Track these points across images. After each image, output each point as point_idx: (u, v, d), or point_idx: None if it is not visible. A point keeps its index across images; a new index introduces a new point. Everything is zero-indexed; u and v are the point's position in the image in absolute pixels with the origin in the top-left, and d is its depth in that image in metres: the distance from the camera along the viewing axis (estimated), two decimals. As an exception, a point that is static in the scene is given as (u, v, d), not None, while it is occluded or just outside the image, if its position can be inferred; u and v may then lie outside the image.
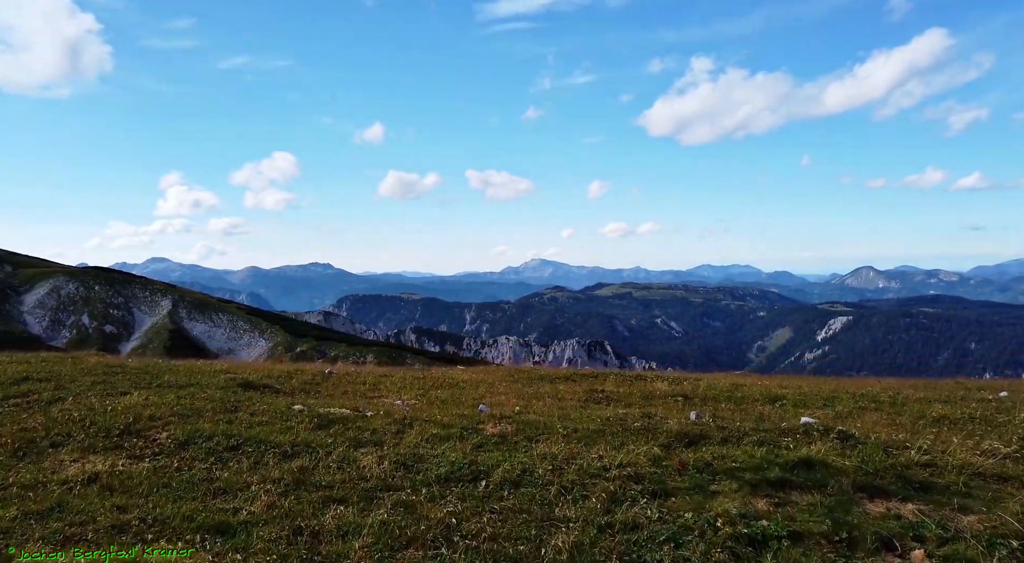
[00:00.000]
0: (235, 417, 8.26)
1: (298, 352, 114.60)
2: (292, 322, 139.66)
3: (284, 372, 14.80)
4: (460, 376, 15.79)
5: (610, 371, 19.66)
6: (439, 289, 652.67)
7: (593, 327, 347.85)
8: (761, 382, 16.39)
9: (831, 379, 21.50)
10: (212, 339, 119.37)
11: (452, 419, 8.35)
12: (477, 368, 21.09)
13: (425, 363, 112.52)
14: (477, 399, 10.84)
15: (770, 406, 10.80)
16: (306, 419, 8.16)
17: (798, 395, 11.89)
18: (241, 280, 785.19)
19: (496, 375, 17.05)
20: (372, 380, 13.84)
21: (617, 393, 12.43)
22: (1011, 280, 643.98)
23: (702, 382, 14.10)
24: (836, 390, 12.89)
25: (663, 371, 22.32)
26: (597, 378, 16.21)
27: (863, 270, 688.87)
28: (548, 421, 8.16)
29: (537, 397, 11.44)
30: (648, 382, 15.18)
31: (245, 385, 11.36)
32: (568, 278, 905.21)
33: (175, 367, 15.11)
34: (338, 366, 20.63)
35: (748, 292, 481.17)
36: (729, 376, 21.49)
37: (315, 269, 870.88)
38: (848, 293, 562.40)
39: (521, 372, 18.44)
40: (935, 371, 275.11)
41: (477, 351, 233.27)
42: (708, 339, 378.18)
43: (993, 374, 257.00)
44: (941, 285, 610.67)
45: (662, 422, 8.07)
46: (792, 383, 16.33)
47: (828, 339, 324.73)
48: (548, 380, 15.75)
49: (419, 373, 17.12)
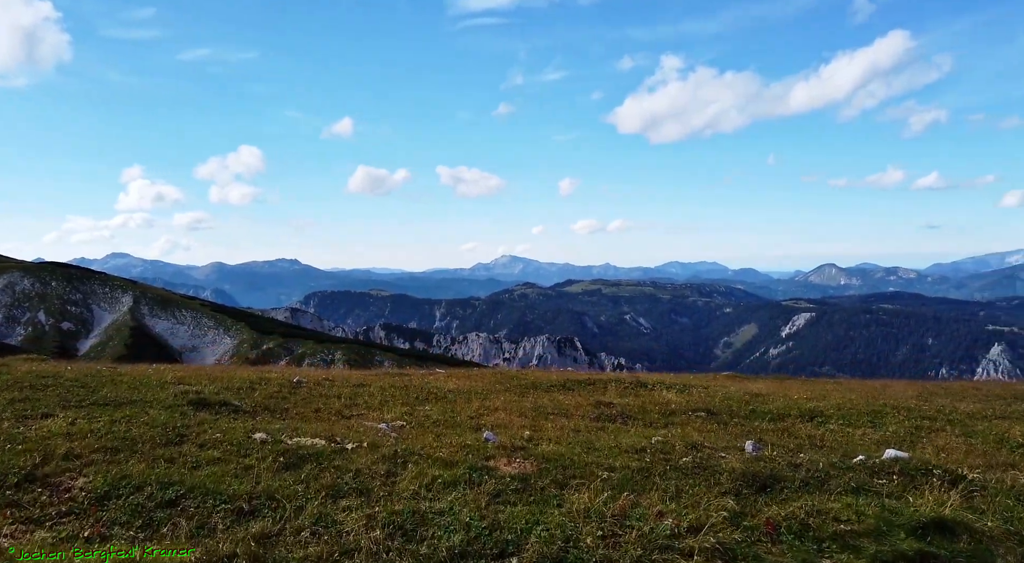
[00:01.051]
0: (179, 452, 6.47)
1: (264, 350, 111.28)
2: (258, 319, 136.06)
3: (246, 382, 12.97)
4: (446, 384, 14.23)
5: (605, 375, 18.22)
6: (409, 286, 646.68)
7: (563, 324, 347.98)
8: (775, 388, 15.15)
9: (840, 382, 20.44)
10: (175, 336, 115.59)
11: (454, 452, 6.74)
12: (460, 372, 19.50)
13: (395, 359, 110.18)
14: (474, 417, 9.28)
15: (811, 424, 9.46)
16: (270, 455, 6.38)
17: (836, 410, 10.58)
18: (205, 276, 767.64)
19: (484, 382, 15.50)
20: (348, 392, 12.12)
21: (627, 407, 10.99)
22: (966, 277, 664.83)
23: (717, 393, 12.77)
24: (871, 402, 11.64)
25: (661, 374, 20.80)
26: (596, 386, 14.76)
27: (826, 267, 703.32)
28: (572, 454, 6.64)
29: (541, 413, 9.93)
30: (653, 391, 13.84)
31: (198, 403, 9.54)
32: (538, 275, 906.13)
33: (119, 376, 13.16)
34: (308, 371, 18.77)
35: (715, 289, 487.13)
36: (732, 380, 20.24)
37: (282, 265, 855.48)
38: (811, 290, 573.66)
39: (509, 378, 16.90)
40: (894, 366, 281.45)
41: (447, 348, 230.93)
42: (676, 335, 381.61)
43: (949, 369, 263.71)
44: (900, 282, 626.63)
45: (716, 457, 6.61)
46: (813, 391, 15.10)
47: (792, 335, 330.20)
48: (543, 388, 14.29)
49: (399, 380, 15.44)
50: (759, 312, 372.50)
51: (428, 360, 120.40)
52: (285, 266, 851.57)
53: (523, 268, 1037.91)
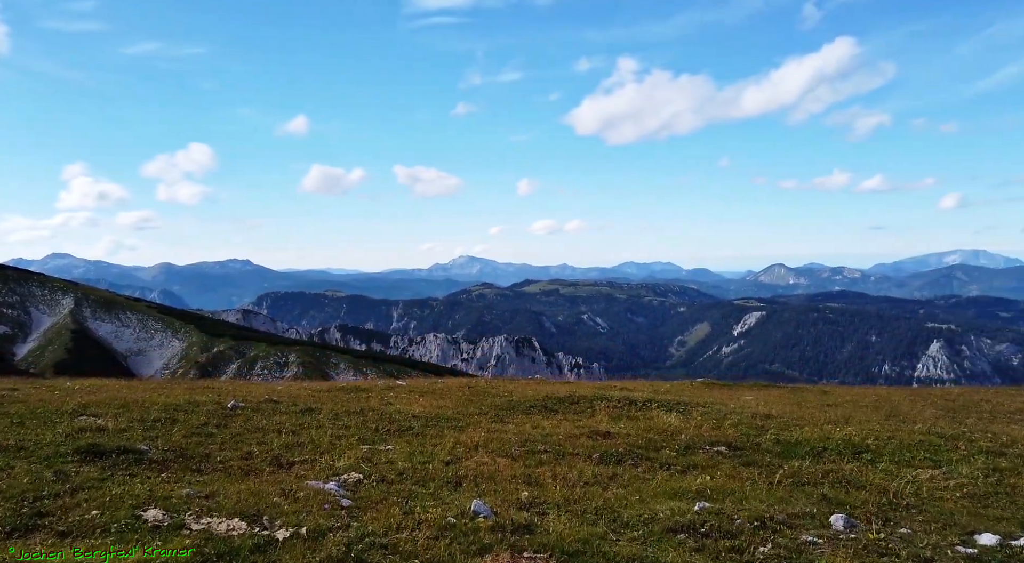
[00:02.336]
0: (21, 552, 4.33)
1: (215, 353, 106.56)
2: (208, 321, 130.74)
3: (168, 410, 10.65)
4: (411, 407, 12.20)
5: (586, 389, 16.40)
6: (365, 286, 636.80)
7: (521, 324, 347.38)
8: (779, 406, 13.59)
9: (829, 391, 19.13)
10: (120, 340, 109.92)
11: (432, 543, 4.74)
12: (423, 385, 17.38)
13: (351, 361, 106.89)
14: (451, 462, 7.35)
15: (858, 463, 7.81)
16: (159, 560, 4.24)
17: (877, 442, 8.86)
18: (153, 277, 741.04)
19: (454, 401, 13.51)
20: (292, 423, 9.93)
21: (630, 438, 9.21)
22: (907, 277, 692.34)
23: (722, 415, 11.09)
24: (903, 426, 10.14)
25: (636, 382, 19.57)
26: (580, 405, 12.94)
27: (775, 267, 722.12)
28: (598, 541, 4.76)
29: (532, 454, 8.04)
30: (647, 412, 12.12)
31: (89, 450, 7.26)
32: (496, 275, 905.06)
33: (9, 403, 10.76)
34: (250, 388, 16.32)
35: (669, 289, 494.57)
36: (714, 390, 18.81)
37: (233, 266, 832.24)
38: (762, 289, 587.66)
39: (481, 394, 14.91)
40: (840, 363, 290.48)
41: (404, 349, 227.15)
42: (632, 334, 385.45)
43: (891, 365, 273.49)
44: (845, 281, 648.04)
45: (806, 546, 4.76)
46: (831, 413, 13.53)
47: (743, 333, 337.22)
48: (522, 410, 12.44)
49: (356, 401, 13.32)
50: (712, 311, 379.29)
51: (385, 362, 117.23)
52: (237, 267, 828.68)
53: (481, 268, 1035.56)
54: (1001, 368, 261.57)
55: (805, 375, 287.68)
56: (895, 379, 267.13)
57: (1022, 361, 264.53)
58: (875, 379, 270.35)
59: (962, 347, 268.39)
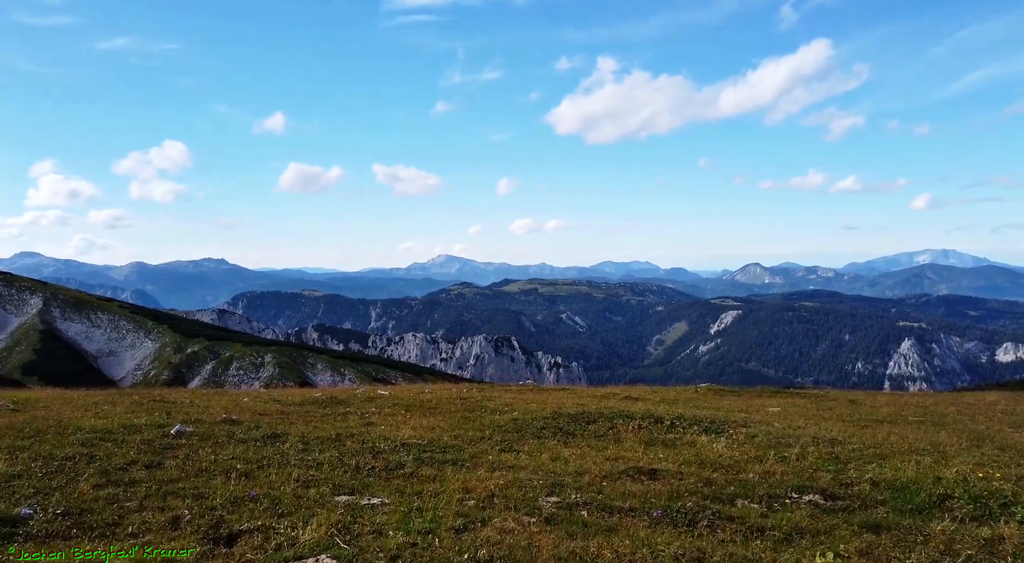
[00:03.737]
0: None
1: (189, 353, 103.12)
2: (182, 321, 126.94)
3: (89, 442, 8.37)
4: (398, 432, 10.03)
5: (601, 402, 14.28)
6: (343, 286, 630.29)
7: (500, 323, 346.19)
8: (834, 423, 11.76)
9: (859, 402, 17.29)
10: (90, 341, 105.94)
11: None
12: (410, 395, 15.27)
13: (328, 362, 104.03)
14: (461, 530, 5.21)
15: (1017, 523, 5.81)
16: None
17: (1009, 488, 6.87)
18: (125, 276, 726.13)
19: (449, 421, 11.38)
20: (249, 458, 7.67)
21: (681, 477, 7.18)
22: (879, 276, 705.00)
23: (784, 444, 9.12)
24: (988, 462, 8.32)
25: (645, 388, 17.38)
26: (599, 425, 10.95)
27: (751, 267, 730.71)
28: None
29: (569, 510, 5.95)
30: (687, 436, 10.13)
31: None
32: (475, 274, 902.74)
33: None
34: (207, 400, 14.05)
35: (647, 288, 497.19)
36: (741, 399, 16.92)
37: (208, 265, 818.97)
38: (738, 288, 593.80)
39: (480, 410, 12.84)
40: (815, 361, 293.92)
41: (383, 349, 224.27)
42: (610, 333, 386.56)
43: (864, 363, 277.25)
44: (819, 281, 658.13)
45: None
46: (874, 415, 12.30)
47: (720, 332, 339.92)
48: (532, 433, 10.42)
49: (331, 423, 11.13)
50: (689, 310, 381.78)
51: (364, 362, 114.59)
52: (212, 266, 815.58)
53: (460, 268, 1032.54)
54: (970, 366, 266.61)
55: (781, 373, 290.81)
56: (868, 377, 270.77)
57: (990, 359, 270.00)
58: (849, 377, 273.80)
59: (932, 345, 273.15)
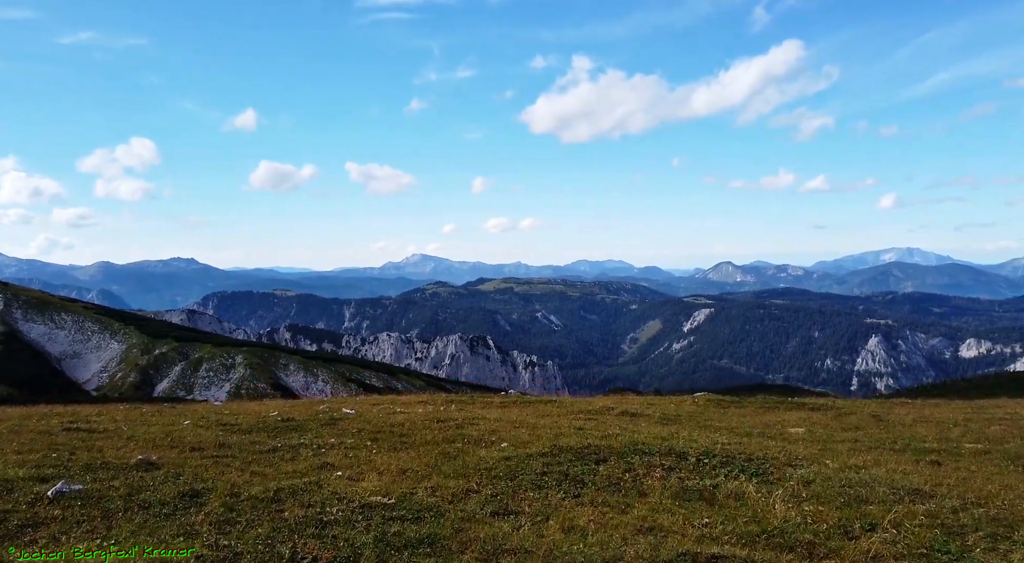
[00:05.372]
0: None
1: (156, 355, 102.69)
2: (150, 322, 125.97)
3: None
4: (359, 486, 7.64)
5: (593, 423, 13.11)
6: (316, 285, 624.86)
7: (475, 322, 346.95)
8: (889, 455, 10.62)
9: (895, 406, 17.59)
10: (54, 343, 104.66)
11: None
12: (378, 418, 13.07)
13: (301, 363, 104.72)
14: None
15: None
16: None
17: None
18: (90, 277, 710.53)
19: (421, 457, 9.24)
20: (143, 542, 5.80)
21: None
22: (846, 274, 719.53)
23: (859, 500, 7.35)
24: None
25: (641, 398, 16.53)
26: (614, 469, 8.45)
27: (723, 265, 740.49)
28: None
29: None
30: (728, 486, 7.68)
31: None
32: (450, 273, 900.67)
33: None
34: (134, 429, 11.48)
35: (622, 286, 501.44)
36: (748, 414, 16.15)
37: (177, 264, 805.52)
38: (710, 287, 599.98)
39: (459, 440, 10.44)
40: (786, 358, 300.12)
41: (357, 349, 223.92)
42: (585, 332, 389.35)
43: (833, 360, 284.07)
44: (789, 279, 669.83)
45: None
46: (914, 435, 11.99)
47: (693, 330, 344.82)
48: (530, 480, 7.96)
49: (275, 464, 8.90)
50: (663, 308, 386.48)
51: (337, 362, 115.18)
52: (181, 266, 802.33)
53: (434, 267, 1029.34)
54: (935, 362, 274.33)
55: (752, 370, 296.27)
56: (836, 373, 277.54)
57: (954, 354, 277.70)
58: (818, 373, 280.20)
59: (899, 342, 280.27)
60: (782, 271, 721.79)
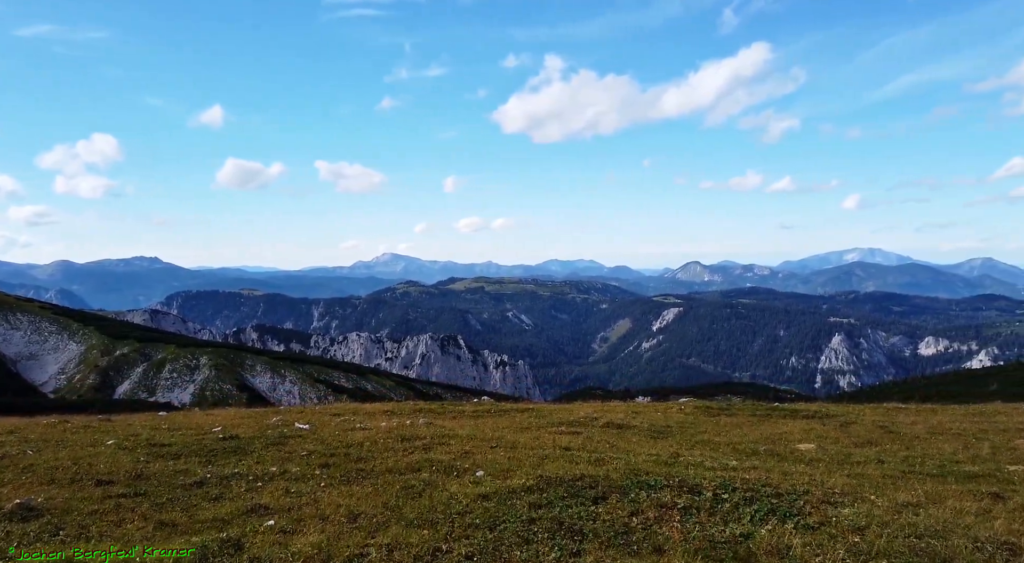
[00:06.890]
0: None
1: (117, 356, 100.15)
2: (110, 322, 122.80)
3: None
4: (293, 544, 5.83)
5: (583, 446, 12.22)
6: (284, 285, 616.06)
7: (446, 322, 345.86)
8: (903, 476, 9.18)
9: (896, 415, 16.70)
10: (9, 344, 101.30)
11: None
12: (335, 436, 11.64)
13: (268, 364, 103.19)
14: None
15: None
16: None
17: None
18: (49, 275, 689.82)
19: (382, 498, 7.31)
20: None
21: None
22: (811, 274, 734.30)
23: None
24: None
25: (628, 404, 15.65)
26: (620, 513, 6.53)
27: (691, 265, 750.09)
28: None
29: None
30: (750, 525, 6.05)
31: None
32: (421, 273, 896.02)
33: None
34: (51, 443, 10.62)
35: (592, 286, 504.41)
36: (742, 424, 14.87)
37: (140, 263, 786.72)
38: (679, 286, 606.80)
39: (428, 475, 8.23)
40: (752, 356, 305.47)
41: (326, 350, 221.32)
42: (556, 331, 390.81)
43: (798, 358, 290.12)
44: (756, 278, 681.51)
45: None
46: (929, 453, 11.00)
47: (662, 329, 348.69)
48: (516, 535, 6.04)
49: (188, 517, 6.82)
50: (632, 308, 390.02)
51: (305, 363, 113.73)
52: (144, 265, 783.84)
53: (405, 266, 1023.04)
54: (895, 359, 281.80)
55: (720, 368, 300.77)
56: (801, 371, 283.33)
57: (913, 352, 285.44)
58: (783, 371, 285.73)
59: (860, 340, 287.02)
60: (749, 271, 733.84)
